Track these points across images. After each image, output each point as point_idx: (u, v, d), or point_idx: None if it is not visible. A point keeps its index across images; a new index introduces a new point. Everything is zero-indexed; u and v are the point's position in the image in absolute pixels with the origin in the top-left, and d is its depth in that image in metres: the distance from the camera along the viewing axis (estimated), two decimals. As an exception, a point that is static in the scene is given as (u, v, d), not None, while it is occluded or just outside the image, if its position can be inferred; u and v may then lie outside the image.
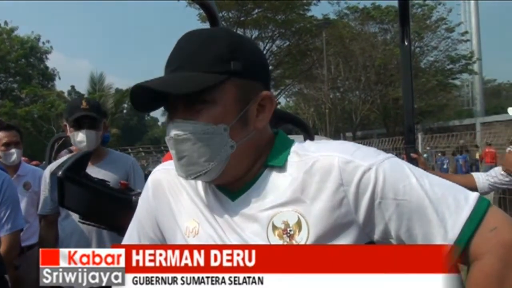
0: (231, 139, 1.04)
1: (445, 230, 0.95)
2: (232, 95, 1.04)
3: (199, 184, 1.16)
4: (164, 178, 1.21)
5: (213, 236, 1.08)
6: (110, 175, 2.83)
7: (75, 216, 2.71)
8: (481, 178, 2.92)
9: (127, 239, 1.27)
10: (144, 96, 1.05)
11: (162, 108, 1.10)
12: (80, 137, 2.81)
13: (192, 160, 1.03)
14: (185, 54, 1.05)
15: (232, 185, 1.10)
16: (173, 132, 1.03)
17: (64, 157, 3.01)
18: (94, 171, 2.76)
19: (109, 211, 2.47)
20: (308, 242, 0.99)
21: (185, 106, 1.03)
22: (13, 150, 3.63)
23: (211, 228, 1.09)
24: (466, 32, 35.71)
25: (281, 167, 1.07)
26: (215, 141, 1.02)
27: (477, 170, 20.85)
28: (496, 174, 2.89)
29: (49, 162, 5.63)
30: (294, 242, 1.00)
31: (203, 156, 1.03)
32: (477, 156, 22.30)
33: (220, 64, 1.03)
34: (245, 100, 1.06)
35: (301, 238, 1.00)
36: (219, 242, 1.06)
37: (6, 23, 37.79)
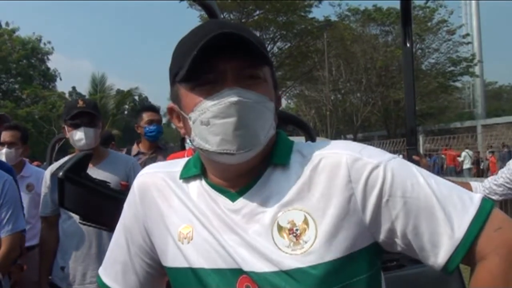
0: (273, 119, 1.03)
1: (452, 229, 0.94)
2: (272, 80, 1.05)
3: (191, 186, 1.11)
4: (151, 182, 1.15)
5: (209, 240, 1.03)
6: (110, 176, 2.80)
7: (76, 218, 2.71)
8: (478, 188, 2.92)
9: (114, 246, 1.22)
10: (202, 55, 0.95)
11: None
12: (78, 135, 2.78)
13: (251, 130, 0.98)
14: (238, 26, 1.01)
15: (232, 185, 1.06)
16: (237, 98, 0.95)
17: (65, 158, 3.00)
18: (94, 172, 2.74)
19: (109, 212, 2.46)
20: (316, 242, 0.97)
21: (236, 77, 0.98)
22: (3, 150, 3.61)
23: (206, 231, 1.04)
24: (468, 35, 35.79)
25: (285, 166, 1.04)
26: (269, 116, 1.01)
27: (443, 171, 21.45)
28: (490, 185, 2.89)
29: (50, 163, 5.62)
30: (301, 242, 0.97)
31: (260, 128, 0.99)
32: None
33: (265, 49, 1.03)
34: (275, 91, 1.07)
35: (309, 237, 0.97)
36: (216, 246, 1.02)
37: (7, 24, 38.04)
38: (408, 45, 2.88)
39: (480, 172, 22.81)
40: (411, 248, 0.99)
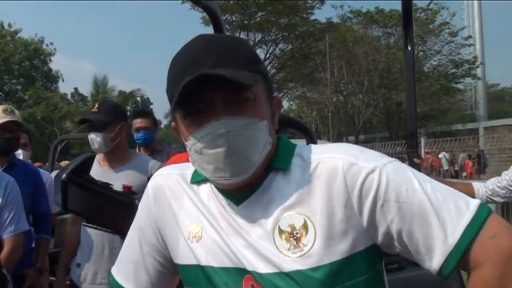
0: (269, 135, 1.04)
1: (445, 235, 0.95)
2: (264, 94, 1.05)
3: (201, 189, 1.15)
4: (164, 183, 1.19)
5: (217, 241, 1.07)
6: (131, 179, 2.76)
7: None
8: (480, 189, 2.93)
9: (127, 245, 1.26)
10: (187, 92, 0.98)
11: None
12: (90, 140, 2.82)
13: (242, 156, 0.99)
14: (218, 53, 1.02)
15: (236, 189, 1.08)
16: (224, 129, 0.97)
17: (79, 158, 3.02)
18: (112, 176, 2.74)
19: (113, 214, 2.47)
20: (315, 245, 0.99)
21: (225, 104, 0.99)
22: (19, 151, 3.66)
23: (215, 232, 1.08)
24: (470, 37, 35.74)
25: (286, 170, 1.07)
26: (261, 136, 1.02)
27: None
28: (492, 186, 2.90)
29: (52, 164, 5.65)
30: (301, 245, 1.00)
31: (252, 151, 1.00)
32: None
33: (253, 64, 1.04)
34: (270, 101, 1.08)
35: (308, 241, 0.99)
36: (223, 246, 1.05)
37: (10, 25, 38.06)
38: (409, 48, 2.89)
39: (455, 173, 23.56)
40: (408, 251, 1.00)
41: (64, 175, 2.33)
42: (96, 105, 2.89)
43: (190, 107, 1.01)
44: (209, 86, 0.97)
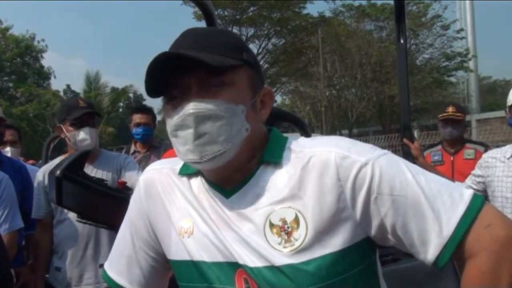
0: (246, 121, 1.04)
1: (440, 227, 0.95)
2: (246, 81, 1.05)
3: (192, 182, 1.15)
4: (156, 178, 1.19)
5: (208, 235, 1.07)
6: (103, 174, 2.84)
7: (72, 219, 2.72)
8: None
9: (119, 240, 1.26)
10: (159, 73, 1.01)
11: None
12: (82, 136, 2.82)
13: (211, 138, 1.00)
14: (199, 37, 1.05)
15: (226, 182, 1.09)
16: (193, 110, 0.99)
17: (56, 159, 3.00)
18: (88, 170, 2.76)
19: (107, 210, 2.47)
20: (307, 239, 0.99)
21: (200, 88, 1.01)
22: (7, 149, 3.64)
23: (206, 226, 1.08)
24: (462, 30, 35.75)
25: (277, 164, 1.06)
26: (234, 121, 1.01)
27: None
28: (466, 186, 2.94)
29: (46, 162, 5.62)
30: (292, 239, 1.00)
31: (222, 134, 1.00)
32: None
33: (234, 52, 1.04)
34: (254, 90, 1.08)
35: (299, 235, 0.99)
36: (215, 241, 1.05)
37: (0, 22, 37.67)
38: (402, 41, 2.90)
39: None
40: (402, 244, 1.01)
41: (58, 172, 2.33)
42: (82, 102, 2.91)
43: (168, 93, 1.04)
44: (184, 69, 0.99)
